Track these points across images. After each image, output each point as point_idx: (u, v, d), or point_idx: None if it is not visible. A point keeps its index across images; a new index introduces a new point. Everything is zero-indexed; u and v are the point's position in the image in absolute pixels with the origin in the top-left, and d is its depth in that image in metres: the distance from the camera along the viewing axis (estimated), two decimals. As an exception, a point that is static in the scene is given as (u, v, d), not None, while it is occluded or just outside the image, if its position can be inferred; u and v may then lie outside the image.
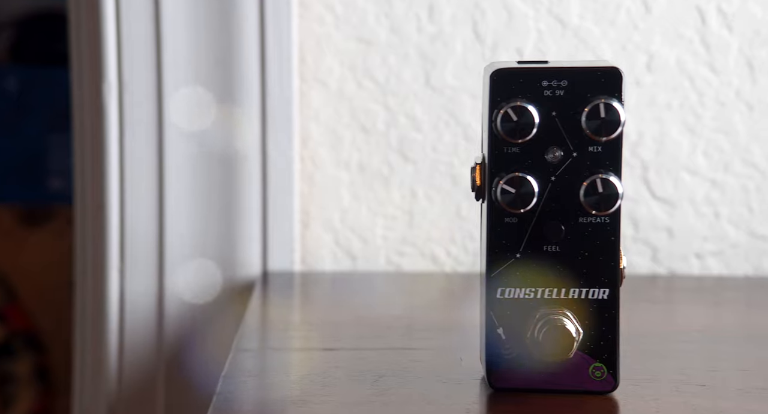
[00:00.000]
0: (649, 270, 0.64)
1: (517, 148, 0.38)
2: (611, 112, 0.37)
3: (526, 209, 0.38)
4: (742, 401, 0.37)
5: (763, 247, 0.64)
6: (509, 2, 0.63)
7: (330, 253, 0.65)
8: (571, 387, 0.38)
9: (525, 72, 0.38)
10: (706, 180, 0.64)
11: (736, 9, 0.62)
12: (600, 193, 0.37)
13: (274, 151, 0.62)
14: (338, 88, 0.64)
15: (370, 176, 0.65)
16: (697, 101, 0.63)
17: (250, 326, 0.47)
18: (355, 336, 0.46)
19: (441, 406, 0.36)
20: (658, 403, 0.37)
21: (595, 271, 0.38)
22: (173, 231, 0.61)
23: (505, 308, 0.38)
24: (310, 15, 0.64)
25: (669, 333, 0.48)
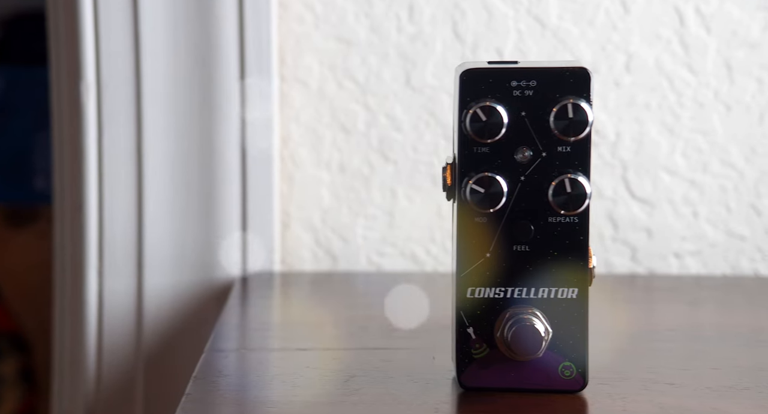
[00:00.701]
0: (628, 269, 0.64)
1: (486, 148, 0.38)
2: (579, 113, 0.38)
3: (496, 209, 0.38)
4: (708, 399, 0.37)
5: (740, 247, 0.64)
6: (489, 2, 0.64)
7: (310, 253, 0.65)
8: (540, 386, 0.38)
9: (494, 72, 0.38)
10: (685, 180, 0.64)
11: (714, 10, 0.63)
12: (568, 193, 0.38)
13: (253, 150, 0.62)
14: (318, 87, 0.64)
15: (351, 176, 0.65)
16: (675, 102, 0.64)
17: (225, 326, 0.47)
18: (329, 336, 0.46)
19: (410, 405, 0.36)
20: (626, 402, 0.37)
21: (564, 271, 0.38)
22: (152, 231, 0.61)
23: (474, 307, 0.38)
24: (289, 15, 0.64)
25: (643, 332, 0.48)
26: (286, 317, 0.52)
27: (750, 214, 0.64)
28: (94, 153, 0.61)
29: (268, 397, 0.37)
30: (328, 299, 0.56)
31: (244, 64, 0.61)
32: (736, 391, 0.39)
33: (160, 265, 0.61)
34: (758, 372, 0.41)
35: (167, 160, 0.61)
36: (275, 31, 0.64)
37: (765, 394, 0.39)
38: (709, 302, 0.56)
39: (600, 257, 0.65)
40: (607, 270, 0.64)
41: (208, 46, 0.61)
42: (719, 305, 0.55)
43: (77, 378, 0.61)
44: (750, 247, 0.64)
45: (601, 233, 0.65)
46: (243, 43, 0.61)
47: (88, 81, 0.60)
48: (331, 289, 0.59)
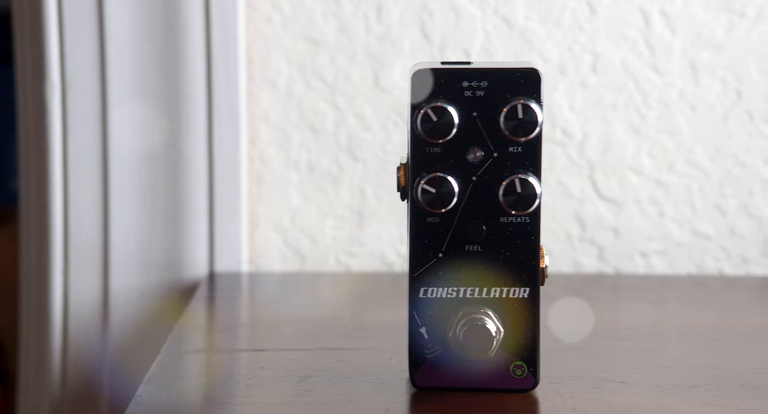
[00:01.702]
0: (596, 269, 0.64)
1: (438, 149, 0.38)
2: (529, 113, 0.38)
3: (447, 209, 0.38)
4: (656, 397, 0.38)
5: (705, 246, 0.64)
6: (456, 3, 0.64)
7: (279, 254, 0.65)
8: (492, 385, 0.39)
9: (445, 73, 0.38)
10: (651, 180, 0.64)
11: (678, 11, 0.63)
12: (519, 193, 0.38)
13: (220, 150, 0.62)
14: (287, 87, 0.64)
15: (320, 176, 0.65)
16: (641, 102, 0.64)
17: (184, 328, 0.47)
18: (288, 337, 0.46)
19: (361, 405, 0.37)
20: (575, 400, 0.37)
21: (516, 271, 0.39)
22: (118, 231, 0.61)
23: (427, 307, 0.38)
24: (257, 15, 0.64)
25: (603, 331, 0.48)
26: (248, 318, 0.52)
27: (715, 214, 0.65)
28: (59, 153, 0.60)
29: (219, 399, 0.37)
30: (293, 300, 0.56)
31: (211, 63, 0.61)
32: (685, 390, 0.39)
33: (126, 266, 0.61)
34: (709, 370, 0.42)
35: (133, 160, 0.61)
36: (243, 31, 0.64)
37: (713, 392, 0.39)
38: (672, 301, 0.56)
39: (568, 257, 0.65)
40: (575, 269, 0.65)
41: (174, 46, 0.61)
42: (682, 304, 0.55)
43: (42, 379, 0.60)
44: (715, 246, 0.65)
45: (568, 233, 0.65)
46: (209, 43, 0.61)
47: (53, 81, 0.60)
48: (298, 290, 0.59)
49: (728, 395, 0.38)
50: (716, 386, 0.39)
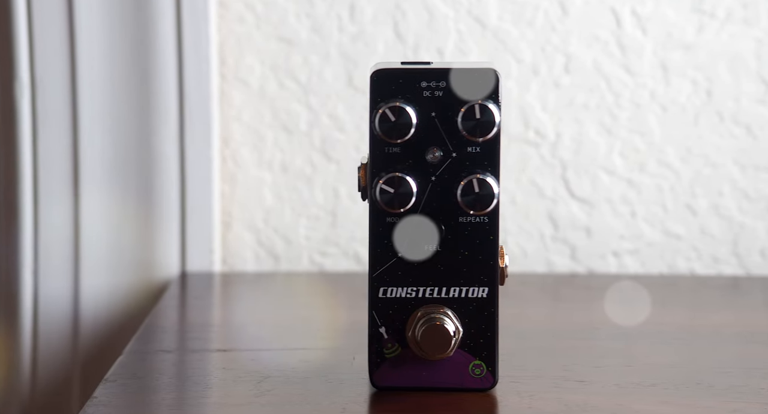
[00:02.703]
0: (568, 268, 0.65)
1: (397, 148, 0.38)
2: (486, 113, 0.38)
3: (405, 209, 0.38)
4: (614, 396, 0.38)
5: (676, 246, 0.65)
6: (430, 3, 0.64)
7: (252, 254, 0.65)
8: (451, 385, 0.39)
9: (404, 73, 0.38)
10: (623, 180, 0.65)
11: (649, 11, 0.63)
12: (476, 193, 0.38)
13: (192, 150, 0.62)
14: (260, 87, 0.64)
15: (293, 176, 0.65)
16: (613, 102, 0.64)
17: (150, 328, 0.47)
18: (253, 337, 0.46)
19: (318, 405, 0.37)
20: (532, 399, 0.38)
21: (474, 270, 0.39)
22: (89, 231, 0.61)
23: (387, 307, 0.39)
24: (230, 15, 0.64)
25: (567, 330, 0.48)
26: (215, 318, 0.52)
27: (686, 213, 0.65)
28: (29, 153, 0.60)
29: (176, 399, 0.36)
30: (263, 300, 0.56)
31: (182, 63, 0.61)
32: (642, 388, 0.39)
33: (97, 266, 0.61)
34: (668, 368, 0.42)
35: (104, 160, 0.61)
36: (215, 30, 0.64)
37: (670, 390, 0.39)
38: (641, 301, 0.56)
39: (540, 256, 0.65)
40: (548, 269, 0.65)
41: (145, 46, 0.61)
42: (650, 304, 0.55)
43: (12, 380, 0.60)
44: (686, 246, 0.65)
45: (541, 232, 0.65)
46: (181, 43, 0.61)
47: (23, 80, 0.60)
48: (269, 290, 0.59)
49: (685, 393, 0.38)
50: (674, 385, 0.39)
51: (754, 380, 0.40)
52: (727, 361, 0.43)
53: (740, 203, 0.64)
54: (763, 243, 0.64)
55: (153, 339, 0.45)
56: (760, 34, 0.63)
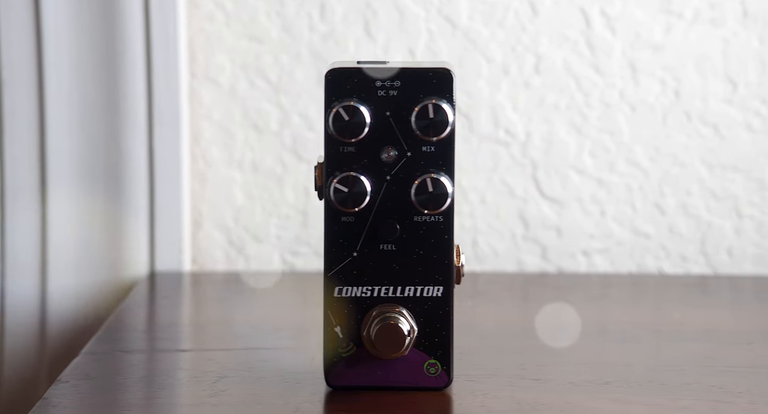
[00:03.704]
0: (539, 268, 0.65)
1: (352, 148, 0.38)
2: (440, 113, 0.38)
3: (360, 208, 0.38)
4: (567, 394, 0.38)
5: (645, 245, 0.65)
6: (400, 2, 0.64)
7: (223, 253, 0.65)
8: (406, 383, 0.39)
9: (359, 72, 0.38)
10: (593, 179, 0.65)
11: (618, 12, 0.64)
12: (430, 192, 0.38)
13: (161, 149, 0.62)
14: (230, 86, 0.64)
15: (264, 175, 0.65)
16: (583, 102, 0.64)
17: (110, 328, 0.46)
18: (215, 337, 0.46)
19: (272, 406, 0.37)
20: (486, 398, 0.38)
21: (429, 269, 0.39)
22: (56, 231, 0.60)
23: (342, 307, 0.39)
24: (200, 13, 0.64)
25: (530, 329, 0.48)
26: (179, 318, 0.52)
27: (654, 212, 0.65)
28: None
29: (128, 400, 0.36)
30: (230, 299, 0.56)
31: (151, 61, 0.61)
32: (596, 386, 0.39)
33: (65, 266, 0.60)
34: (623, 367, 0.42)
35: (72, 159, 0.61)
36: (184, 29, 0.64)
37: (623, 388, 0.39)
38: (608, 300, 0.57)
39: (511, 256, 0.66)
40: (518, 268, 0.65)
41: (113, 44, 0.61)
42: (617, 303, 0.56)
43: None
44: (654, 245, 0.65)
45: (512, 232, 0.66)
46: (149, 41, 0.61)
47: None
48: (237, 289, 0.59)
49: (636, 391, 0.39)
50: (626, 382, 0.40)
51: (708, 378, 0.40)
52: (684, 359, 0.43)
53: (708, 202, 0.65)
54: (730, 242, 0.65)
55: (112, 339, 0.45)
56: (727, 35, 0.63)
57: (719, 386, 0.39)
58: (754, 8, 0.63)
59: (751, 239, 0.65)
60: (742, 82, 0.64)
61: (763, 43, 0.64)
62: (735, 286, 0.60)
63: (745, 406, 0.37)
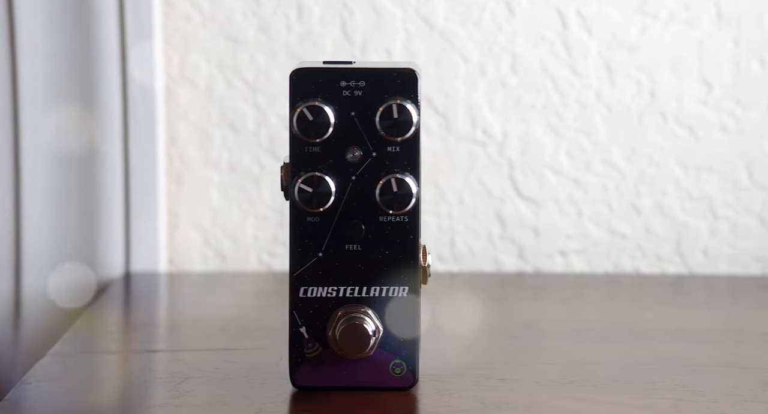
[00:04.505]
0: (516, 268, 0.65)
1: (317, 148, 0.38)
2: (404, 113, 0.38)
3: (325, 208, 0.38)
4: (531, 393, 0.38)
5: (621, 245, 0.65)
6: (377, 3, 0.64)
7: (199, 254, 0.65)
8: (371, 384, 0.39)
9: (324, 72, 0.38)
10: (569, 179, 0.65)
11: (594, 12, 0.64)
12: (394, 192, 0.38)
13: (136, 149, 0.62)
14: (206, 86, 0.64)
15: (241, 175, 0.65)
16: (559, 102, 0.65)
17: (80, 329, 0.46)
18: (185, 337, 0.46)
19: (235, 406, 0.36)
20: (451, 398, 0.38)
21: (395, 270, 0.39)
22: (30, 231, 0.60)
23: (307, 307, 0.39)
24: (176, 13, 0.64)
25: (502, 329, 0.48)
26: (150, 319, 0.51)
27: (630, 212, 0.65)
28: (-31, 152, 0.60)
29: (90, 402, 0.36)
30: (203, 300, 0.56)
31: (126, 61, 0.61)
32: (560, 385, 0.39)
33: (39, 266, 0.60)
34: (590, 366, 0.42)
35: (46, 159, 0.60)
36: (160, 28, 0.63)
37: (587, 387, 0.40)
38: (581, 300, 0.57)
39: (488, 255, 0.66)
40: (495, 268, 0.65)
41: (88, 44, 0.61)
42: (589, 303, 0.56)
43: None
44: (631, 245, 0.66)
45: (489, 232, 0.66)
46: (124, 41, 0.61)
47: (-38, 79, 0.59)
48: (213, 290, 0.58)
49: (601, 390, 0.39)
50: (592, 382, 0.40)
51: (673, 377, 0.40)
52: (652, 358, 0.43)
53: (683, 203, 0.65)
54: (705, 242, 0.65)
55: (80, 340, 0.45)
56: (702, 36, 0.64)
57: (683, 385, 0.39)
58: (728, 10, 0.64)
59: (726, 239, 0.65)
60: (717, 83, 0.64)
61: (738, 45, 0.64)
62: (710, 285, 0.60)
63: (707, 405, 0.37)
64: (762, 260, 0.65)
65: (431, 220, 0.65)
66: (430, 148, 0.65)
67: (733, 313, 0.54)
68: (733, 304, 0.57)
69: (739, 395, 0.38)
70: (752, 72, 0.64)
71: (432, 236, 0.65)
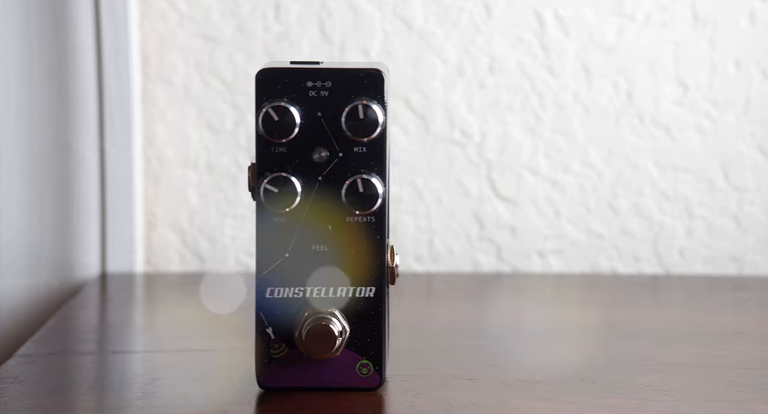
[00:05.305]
0: (494, 268, 0.65)
1: (284, 148, 0.38)
2: (370, 114, 0.38)
3: (291, 208, 0.38)
4: (498, 393, 0.38)
5: (599, 245, 0.65)
6: (355, 3, 0.64)
7: (177, 254, 0.65)
8: (338, 384, 0.39)
9: (290, 72, 0.38)
10: (547, 180, 0.65)
11: (571, 14, 0.64)
12: (360, 193, 0.38)
13: (112, 150, 0.61)
14: (184, 86, 0.64)
15: (219, 176, 0.65)
16: (537, 103, 0.65)
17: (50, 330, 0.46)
18: (158, 338, 0.45)
19: (200, 408, 0.36)
20: (418, 398, 0.38)
21: (362, 270, 0.39)
22: (5, 231, 0.60)
23: (274, 308, 0.38)
24: (152, 12, 0.64)
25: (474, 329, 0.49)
26: (122, 320, 0.51)
27: (607, 213, 0.66)
28: (-57, 152, 0.60)
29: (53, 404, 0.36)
30: (179, 300, 0.56)
31: (101, 61, 0.61)
32: (528, 385, 0.40)
33: (15, 266, 0.60)
34: (559, 366, 0.42)
35: (21, 160, 0.60)
36: (137, 28, 0.63)
37: (552, 387, 0.40)
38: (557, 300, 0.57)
39: (466, 256, 0.66)
40: (474, 268, 0.65)
41: (63, 44, 0.60)
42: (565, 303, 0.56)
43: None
44: (608, 245, 0.66)
45: (467, 232, 0.66)
46: (100, 41, 0.61)
47: (-64, 79, 0.59)
48: (190, 291, 0.58)
49: (566, 390, 0.39)
50: (558, 381, 0.40)
51: (639, 376, 0.41)
52: (620, 358, 0.44)
53: (660, 203, 0.65)
54: (682, 242, 0.65)
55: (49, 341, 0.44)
56: (678, 37, 0.64)
57: (648, 384, 0.39)
58: (703, 12, 0.64)
59: (702, 240, 0.65)
60: (693, 84, 0.64)
61: (713, 46, 0.64)
62: (685, 285, 0.61)
63: (670, 404, 0.37)
64: (737, 260, 0.65)
65: (409, 221, 0.66)
66: (408, 148, 0.65)
67: (707, 312, 0.54)
68: (708, 304, 0.57)
69: (704, 394, 0.38)
70: (727, 73, 0.64)
71: (410, 236, 0.65)
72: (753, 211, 0.65)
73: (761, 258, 0.65)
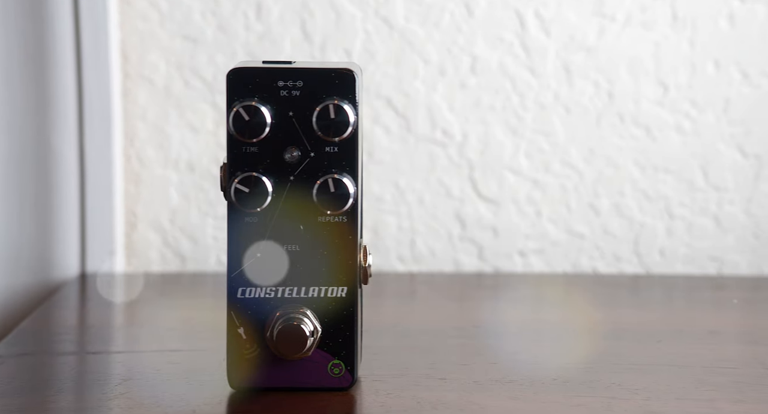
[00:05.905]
0: (476, 268, 0.65)
1: (255, 148, 0.38)
2: (341, 113, 0.38)
3: (262, 208, 0.38)
4: (469, 393, 0.38)
5: (580, 245, 0.65)
6: (337, 3, 0.64)
7: (158, 254, 0.65)
8: (310, 384, 0.39)
9: (261, 72, 0.38)
10: (528, 180, 0.65)
11: (552, 14, 0.64)
12: (332, 192, 0.38)
13: (92, 149, 0.61)
14: (165, 85, 0.64)
15: (200, 176, 0.65)
16: (518, 103, 0.65)
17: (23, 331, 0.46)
18: (131, 338, 0.45)
19: (170, 408, 0.36)
20: (389, 398, 0.38)
21: (333, 270, 0.39)
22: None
23: (245, 308, 0.38)
24: (133, 11, 0.63)
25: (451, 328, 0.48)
26: (99, 320, 0.51)
27: (588, 213, 0.66)
28: None
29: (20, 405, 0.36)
30: (156, 300, 0.56)
31: (81, 60, 0.61)
32: (500, 385, 0.40)
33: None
34: (531, 365, 0.42)
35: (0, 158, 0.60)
36: (117, 27, 0.63)
37: (525, 386, 0.40)
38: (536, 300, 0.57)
39: (448, 256, 0.66)
40: (455, 268, 0.65)
41: (42, 42, 0.60)
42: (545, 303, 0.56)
43: None
44: (589, 245, 0.66)
45: (449, 232, 0.66)
46: (79, 40, 0.61)
47: None
48: (166, 291, 0.58)
49: (537, 389, 0.39)
50: (530, 381, 0.40)
51: (610, 375, 0.41)
52: (594, 357, 0.43)
53: (640, 203, 0.65)
54: (662, 242, 0.65)
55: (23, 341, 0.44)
56: (658, 38, 0.64)
57: (618, 383, 0.40)
58: (683, 12, 0.64)
59: (682, 239, 0.65)
60: (673, 84, 0.65)
61: (693, 47, 0.64)
62: (666, 285, 0.61)
63: (640, 402, 0.37)
64: (717, 260, 0.65)
65: (391, 221, 0.65)
66: (389, 148, 0.65)
67: (683, 312, 0.54)
68: (686, 304, 0.57)
69: (673, 393, 0.38)
70: (707, 74, 0.64)
71: (392, 236, 0.65)
72: (733, 211, 0.65)
73: (741, 257, 0.65)
